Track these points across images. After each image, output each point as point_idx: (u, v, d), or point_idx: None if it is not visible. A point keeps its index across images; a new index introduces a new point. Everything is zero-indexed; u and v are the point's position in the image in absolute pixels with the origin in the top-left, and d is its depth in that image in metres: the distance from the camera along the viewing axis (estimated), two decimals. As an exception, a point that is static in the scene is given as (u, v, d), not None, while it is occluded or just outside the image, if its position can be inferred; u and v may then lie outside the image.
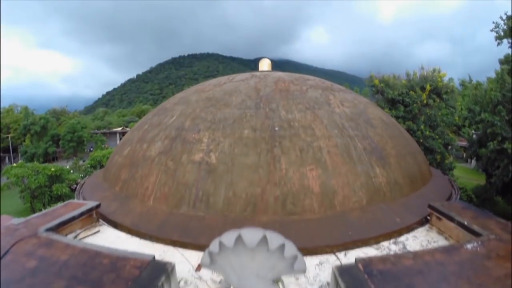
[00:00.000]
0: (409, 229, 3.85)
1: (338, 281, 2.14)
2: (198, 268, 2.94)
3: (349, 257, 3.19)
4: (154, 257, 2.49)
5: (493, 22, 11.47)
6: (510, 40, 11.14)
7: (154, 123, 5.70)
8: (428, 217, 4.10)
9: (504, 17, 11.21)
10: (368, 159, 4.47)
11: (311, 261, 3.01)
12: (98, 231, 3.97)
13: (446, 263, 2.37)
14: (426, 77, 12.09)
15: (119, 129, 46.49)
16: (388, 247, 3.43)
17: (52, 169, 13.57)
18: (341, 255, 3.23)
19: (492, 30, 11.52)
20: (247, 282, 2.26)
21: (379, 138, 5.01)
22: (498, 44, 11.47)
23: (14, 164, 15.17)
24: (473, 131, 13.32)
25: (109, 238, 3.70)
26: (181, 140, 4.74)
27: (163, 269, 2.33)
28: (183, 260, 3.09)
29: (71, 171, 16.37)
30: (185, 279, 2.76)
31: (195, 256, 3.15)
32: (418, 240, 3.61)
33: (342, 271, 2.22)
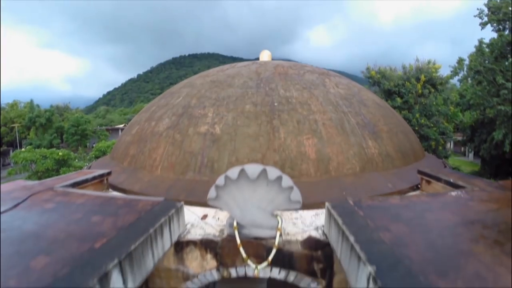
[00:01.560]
0: (400, 193, 4.09)
1: (331, 212, 2.39)
2: (204, 217, 3.20)
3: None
4: (164, 199, 2.75)
5: (478, 9, 11.93)
6: (493, 24, 11.58)
7: (161, 104, 5.98)
8: (419, 186, 4.36)
9: (487, 1, 11.67)
10: (361, 132, 4.74)
11: (308, 213, 3.28)
12: (109, 195, 4.21)
13: (431, 202, 2.62)
14: (421, 68, 12.39)
15: (121, 126, 46.65)
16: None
17: (59, 154, 13.97)
18: (335, 210, 3.48)
19: (475, 16, 11.96)
20: (249, 214, 2.51)
21: (372, 116, 5.27)
22: (482, 29, 11.93)
23: (23, 149, 15.49)
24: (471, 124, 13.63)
25: (119, 200, 3.94)
26: (188, 115, 5.01)
27: (173, 205, 2.59)
28: (189, 213, 3.35)
29: (76, 160, 16.71)
30: (192, 223, 3.02)
31: (200, 211, 3.41)
32: (407, 202, 3.85)
33: (335, 205, 2.48)
